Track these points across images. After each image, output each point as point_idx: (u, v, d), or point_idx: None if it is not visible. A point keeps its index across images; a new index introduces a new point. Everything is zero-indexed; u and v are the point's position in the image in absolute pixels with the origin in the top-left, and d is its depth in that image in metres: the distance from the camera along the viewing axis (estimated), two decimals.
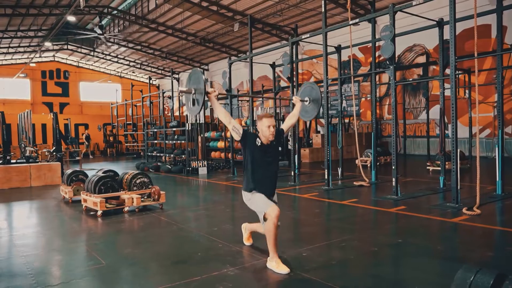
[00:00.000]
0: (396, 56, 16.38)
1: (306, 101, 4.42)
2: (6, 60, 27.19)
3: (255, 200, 3.71)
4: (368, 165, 11.77)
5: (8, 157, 10.28)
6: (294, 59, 10.16)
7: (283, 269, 3.48)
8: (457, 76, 12.22)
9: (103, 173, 6.99)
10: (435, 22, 7.88)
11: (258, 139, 3.72)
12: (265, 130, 3.65)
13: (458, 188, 6.00)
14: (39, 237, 5.08)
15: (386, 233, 4.88)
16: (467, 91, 12.51)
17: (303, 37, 8.94)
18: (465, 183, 8.24)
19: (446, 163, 7.98)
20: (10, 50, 25.00)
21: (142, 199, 6.41)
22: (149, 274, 3.56)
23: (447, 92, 9.07)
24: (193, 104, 3.79)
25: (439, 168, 8.88)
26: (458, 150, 6.57)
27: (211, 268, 3.61)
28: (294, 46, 9.64)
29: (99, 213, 5.93)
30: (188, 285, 3.24)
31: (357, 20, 7.67)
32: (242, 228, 4.35)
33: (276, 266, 3.53)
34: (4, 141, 10.96)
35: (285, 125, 4.07)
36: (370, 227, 5.30)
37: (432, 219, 5.37)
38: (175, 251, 4.26)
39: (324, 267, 3.65)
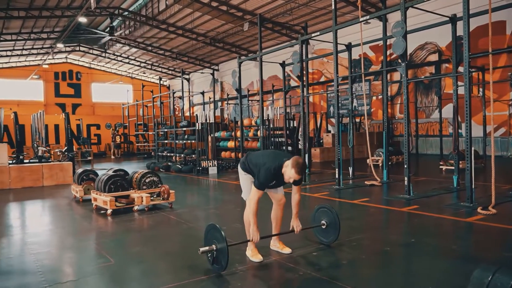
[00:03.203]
0: (408, 54, 16.17)
1: (323, 225, 4.11)
2: (20, 62, 27.60)
3: (245, 181, 3.86)
4: (380, 165, 11.63)
5: (21, 157, 10.41)
6: (304, 58, 10.09)
7: (257, 258, 3.70)
8: (471, 73, 12.00)
9: (113, 172, 7.01)
10: (447, 18, 7.73)
11: (277, 174, 3.59)
12: (286, 176, 3.56)
13: (473, 187, 5.87)
14: (50, 235, 5.10)
15: (399, 233, 4.79)
16: (481, 89, 12.26)
17: (313, 35, 8.86)
18: (479, 182, 8.06)
19: (460, 162, 7.81)
20: (24, 52, 25.36)
21: (152, 198, 6.41)
22: (157, 273, 3.54)
23: (461, 90, 8.90)
24: (213, 263, 3.43)
25: (453, 168, 8.71)
26: (472, 149, 6.42)
27: None
28: (303, 45, 9.56)
29: (109, 211, 5.94)
30: (197, 284, 3.21)
31: (367, 17, 7.57)
32: (271, 247, 4.06)
33: (251, 254, 3.76)
34: (17, 141, 11.10)
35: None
36: (382, 227, 5.21)
37: (446, 219, 5.25)
38: (184, 250, 4.23)
39: (335, 267, 3.59)
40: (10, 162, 10.13)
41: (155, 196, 6.55)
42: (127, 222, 5.61)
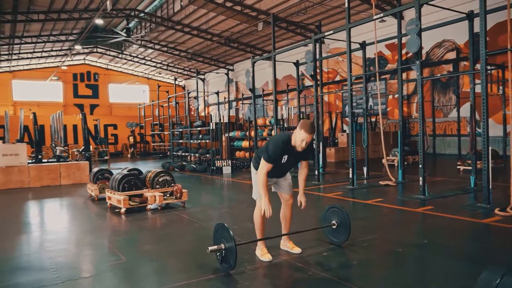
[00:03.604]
0: (425, 52, 15.85)
1: (334, 225, 4.06)
2: (40, 64, 28.23)
3: (255, 181, 3.79)
4: (395, 165, 11.46)
5: (39, 156, 10.66)
6: (317, 57, 10.02)
7: (266, 258, 3.69)
8: (489, 71, 11.71)
9: (127, 171, 7.10)
10: (464, 15, 7.56)
11: (286, 146, 3.54)
12: (298, 141, 3.49)
13: (490, 187, 5.72)
14: (65, 233, 5.21)
15: (412, 234, 4.71)
16: (500, 87, 11.96)
17: (326, 34, 8.80)
18: (498, 183, 7.86)
19: (477, 162, 7.62)
20: (44, 54, 25.93)
21: (165, 197, 6.47)
22: (167, 271, 3.57)
23: (478, 89, 8.71)
24: (222, 262, 3.44)
25: (470, 168, 8.53)
26: (491, 149, 6.27)
27: None
28: (317, 44, 9.50)
29: (122, 210, 6.02)
30: (205, 283, 3.22)
31: (381, 15, 7.47)
32: (281, 247, 4.03)
33: (261, 254, 3.75)
34: (36, 141, 11.37)
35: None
36: (395, 227, 5.13)
37: (461, 220, 5.14)
38: (195, 249, 4.25)
39: (344, 267, 3.55)
40: (30, 161, 10.38)
41: (168, 195, 6.61)
42: (140, 220, 5.68)
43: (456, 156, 13.10)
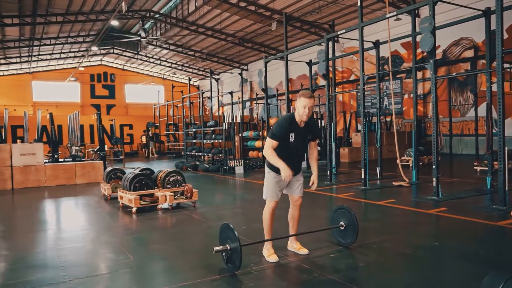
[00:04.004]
0: (441, 50, 15.52)
1: (342, 226, 4.02)
2: (58, 65, 28.84)
3: (266, 180, 3.80)
4: (410, 165, 11.27)
5: (56, 156, 10.87)
6: (330, 56, 9.94)
7: (273, 258, 3.67)
8: (508, 69, 11.38)
9: (139, 171, 7.18)
10: (481, 12, 7.38)
11: (291, 124, 3.60)
12: (300, 109, 3.56)
13: (506, 189, 5.57)
14: (77, 231, 5.29)
15: (422, 235, 4.61)
16: None
17: (338, 33, 8.71)
18: None
19: (494, 162, 7.43)
20: (62, 55, 26.47)
21: (175, 196, 6.51)
22: (173, 271, 3.59)
23: (495, 87, 8.48)
24: (227, 262, 3.47)
25: (487, 168, 8.32)
26: (508, 149, 6.10)
27: None
28: (330, 43, 9.41)
29: (133, 209, 6.09)
30: (210, 283, 3.22)
31: (395, 13, 7.35)
32: (288, 248, 4.01)
33: (267, 254, 3.74)
34: (53, 141, 11.60)
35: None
36: (406, 229, 5.04)
37: (475, 222, 5.02)
38: (202, 248, 4.26)
39: (352, 269, 3.51)
40: (46, 161, 10.59)
41: (178, 195, 6.65)
42: (150, 220, 5.73)
43: (474, 156, 12.81)
